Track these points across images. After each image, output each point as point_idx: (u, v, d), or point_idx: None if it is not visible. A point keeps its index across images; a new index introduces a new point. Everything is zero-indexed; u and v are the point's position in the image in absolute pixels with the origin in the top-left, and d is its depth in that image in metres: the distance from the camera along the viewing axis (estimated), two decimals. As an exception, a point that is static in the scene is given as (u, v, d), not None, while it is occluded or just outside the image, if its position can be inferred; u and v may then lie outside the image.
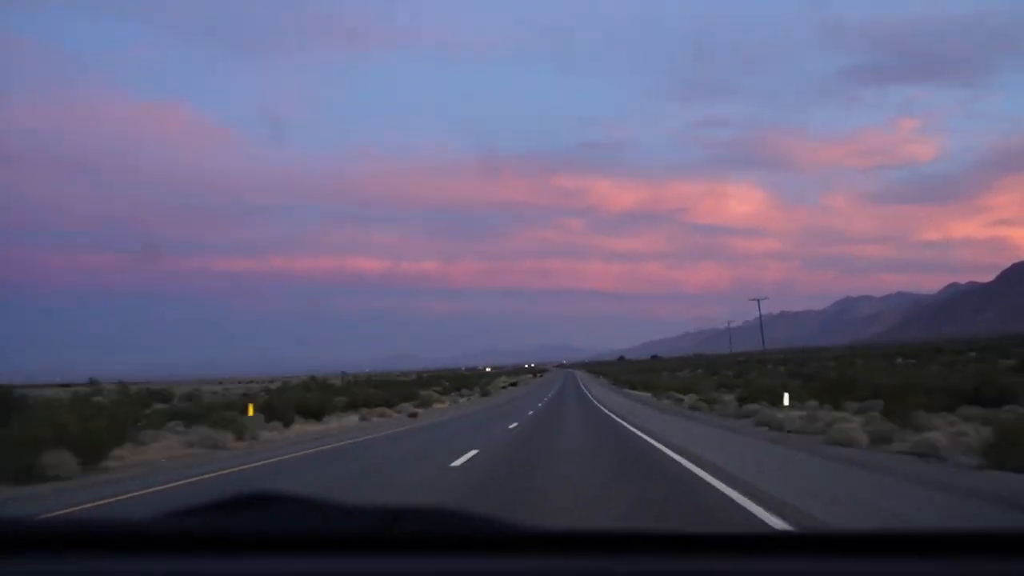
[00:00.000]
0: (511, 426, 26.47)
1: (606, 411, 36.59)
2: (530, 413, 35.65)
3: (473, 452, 16.62)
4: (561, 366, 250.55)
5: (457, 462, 14.87)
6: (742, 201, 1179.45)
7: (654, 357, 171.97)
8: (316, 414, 32.20)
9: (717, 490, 10.54)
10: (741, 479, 11.44)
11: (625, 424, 26.50)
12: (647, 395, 61.67)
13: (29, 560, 1.78)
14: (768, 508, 9.01)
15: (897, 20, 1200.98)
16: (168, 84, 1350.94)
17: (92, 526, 1.88)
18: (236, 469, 15.48)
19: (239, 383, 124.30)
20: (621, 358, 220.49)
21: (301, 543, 1.80)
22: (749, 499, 9.67)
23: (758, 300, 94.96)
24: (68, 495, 12.16)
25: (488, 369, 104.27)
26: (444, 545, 1.78)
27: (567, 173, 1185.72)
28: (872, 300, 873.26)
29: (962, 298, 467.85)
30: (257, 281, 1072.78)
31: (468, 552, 1.77)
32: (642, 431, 22.63)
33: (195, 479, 13.99)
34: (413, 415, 38.88)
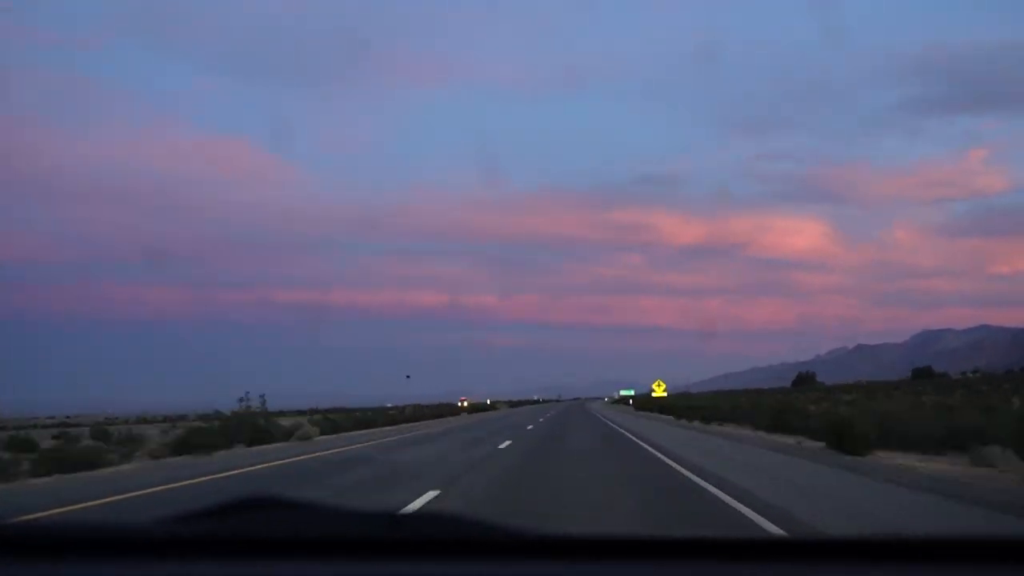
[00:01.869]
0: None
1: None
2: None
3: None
4: (612, 400, 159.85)
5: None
6: (804, 235, 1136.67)
7: (800, 376, 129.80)
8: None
9: None
10: None
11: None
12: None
13: (24, 563, 1.69)
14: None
15: (961, 48, 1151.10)
16: (228, 120, 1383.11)
17: (86, 529, 1.79)
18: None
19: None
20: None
21: (298, 548, 1.73)
22: None
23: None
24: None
25: (465, 403, 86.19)
26: (443, 550, 1.74)
27: (625, 207, 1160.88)
28: (955, 333, 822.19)
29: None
30: (315, 315, 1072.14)
31: (467, 557, 1.73)
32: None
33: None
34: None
